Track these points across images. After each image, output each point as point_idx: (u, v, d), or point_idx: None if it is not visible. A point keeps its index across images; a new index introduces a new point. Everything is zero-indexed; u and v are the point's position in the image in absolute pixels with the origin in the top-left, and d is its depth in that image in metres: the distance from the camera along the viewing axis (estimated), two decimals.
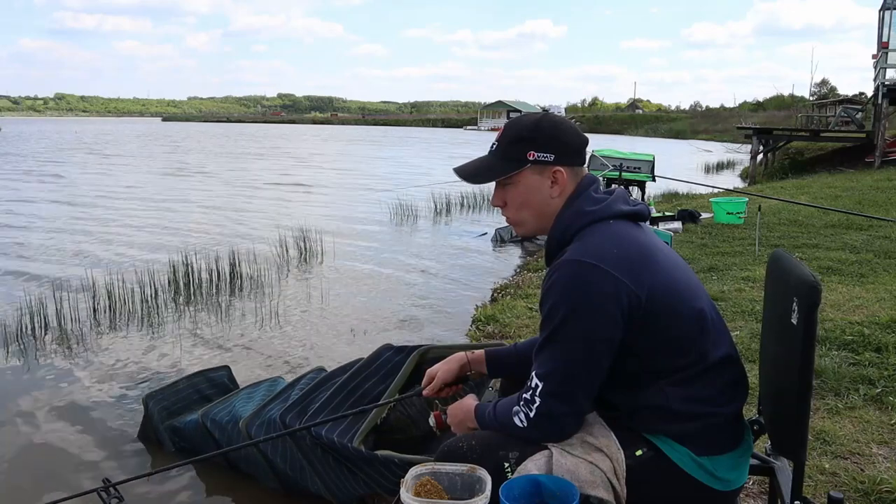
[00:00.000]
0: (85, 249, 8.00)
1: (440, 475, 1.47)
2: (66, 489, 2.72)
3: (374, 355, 2.69)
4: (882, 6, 17.68)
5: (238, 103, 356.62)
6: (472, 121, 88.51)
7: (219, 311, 5.56)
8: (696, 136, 48.10)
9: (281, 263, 7.28)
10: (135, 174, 19.40)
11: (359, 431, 2.34)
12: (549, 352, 1.47)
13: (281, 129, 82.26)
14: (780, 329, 1.49)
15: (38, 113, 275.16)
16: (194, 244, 7.93)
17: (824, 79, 65.08)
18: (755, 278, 5.38)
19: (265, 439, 2.46)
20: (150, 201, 12.68)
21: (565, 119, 1.68)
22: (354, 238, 9.02)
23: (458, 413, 1.71)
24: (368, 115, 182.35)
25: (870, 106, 20.02)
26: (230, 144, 40.14)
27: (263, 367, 4.31)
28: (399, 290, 6.31)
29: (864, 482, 2.41)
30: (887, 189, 11.57)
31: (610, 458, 1.47)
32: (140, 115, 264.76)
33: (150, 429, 3.18)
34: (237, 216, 10.97)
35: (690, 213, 8.78)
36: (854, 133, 19.29)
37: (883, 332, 3.94)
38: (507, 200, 1.63)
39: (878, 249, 6.56)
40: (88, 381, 4.09)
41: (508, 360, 1.92)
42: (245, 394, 3.10)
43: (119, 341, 4.83)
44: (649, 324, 1.46)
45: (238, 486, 2.84)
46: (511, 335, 4.34)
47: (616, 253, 1.46)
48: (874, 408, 3.06)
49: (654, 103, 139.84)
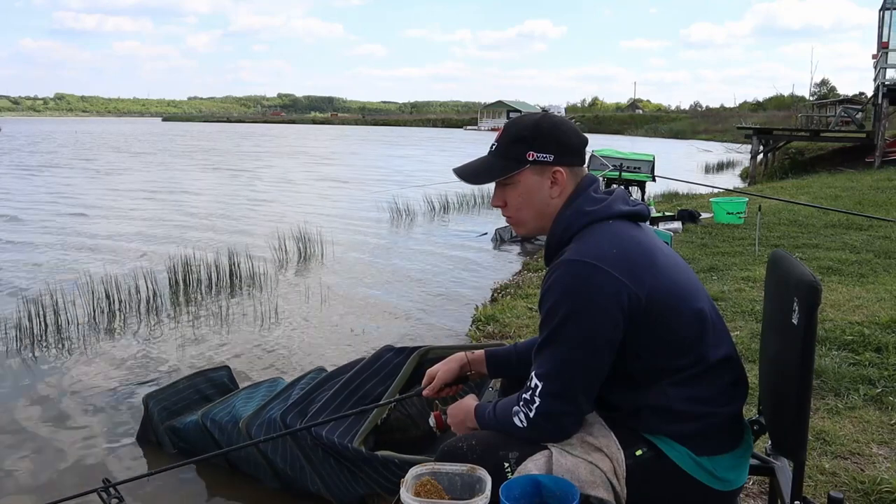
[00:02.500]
0: (84, 249, 7.99)
1: (440, 475, 1.47)
2: (66, 489, 2.73)
3: (374, 356, 2.69)
4: (882, 6, 17.67)
5: (238, 103, 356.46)
6: (472, 121, 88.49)
7: (219, 311, 5.56)
8: (696, 136, 48.07)
9: (281, 263, 7.28)
10: (177, 171, 19.49)
11: (359, 432, 2.34)
12: (548, 352, 1.47)
13: (285, 128, 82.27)
14: (781, 329, 1.49)
15: (38, 113, 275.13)
16: (222, 241, 7.93)
17: (824, 79, 65.12)
18: (755, 278, 5.38)
19: (265, 439, 2.46)
20: (156, 198, 12.69)
21: (565, 119, 1.68)
22: (355, 237, 9.03)
23: (458, 413, 1.71)
24: (368, 114, 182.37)
25: (870, 106, 20.00)
26: (244, 143, 40.62)
27: (263, 367, 4.31)
28: (399, 290, 6.30)
29: (864, 482, 2.41)
30: (887, 189, 11.57)
31: (610, 458, 1.47)
32: (140, 116, 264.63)
33: (150, 429, 3.18)
34: (271, 210, 11.09)
35: (690, 213, 8.77)
36: (854, 133, 19.28)
37: (883, 332, 3.94)
38: (507, 200, 1.63)
39: (878, 249, 6.56)
40: (88, 381, 4.09)
41: (508, 360, 1.91)
42: (245, 394, 3.10)
43: (119, 341, 4.83)
44: (649, 324, 1.46)
45: (238, 486, 2.84)
46: (511, 335, 4.34)
47: (616, 253, 1.46)
48: (874, 408, 3.06)
49: (654, 103, 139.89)
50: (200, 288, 6.09)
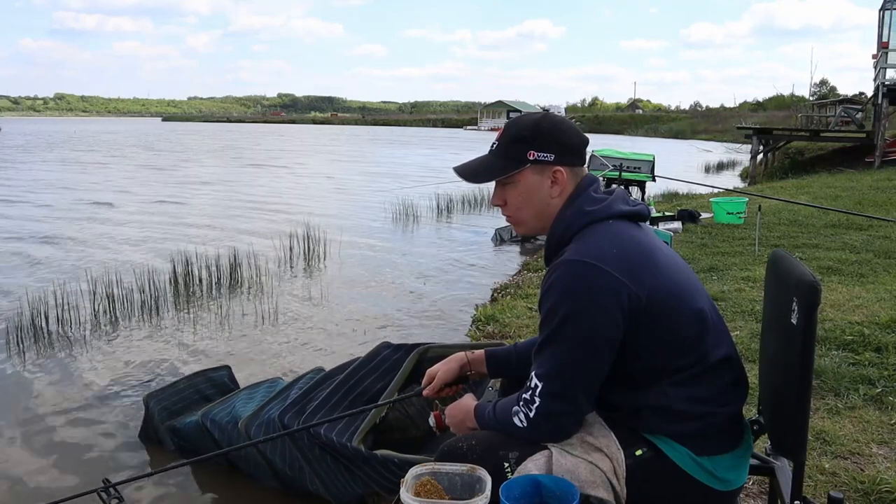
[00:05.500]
0: (85, 248, 7.99)
1: (440, 475, 1.47)
2: (66, 489, 2.73)
3: (372, 353, 2.69)
4: (882, 6, 17.67)
5: (238, 103, 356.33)
6: (472, 121, 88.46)
7: (219, 311, 5.56)
8: (696, 136, 48.08)
9: (282, 263, 7.28)
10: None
11: (358, 431, 2.34)
12: (548, 352, 1.47)
13: (289, 129, 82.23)
14: (780, 329, 1.49)
15: (38, 113, 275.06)
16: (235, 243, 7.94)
17: (824, 79, 65.05)
18: (755, 278, 5.38)
19: (265, 440, 2.45)
20: (155, 200, 12.69)
21: (566, 119, 1.68)
22: (355, 237, 9.02)
23: (458, 413, 1.71)
24: (368, 114, 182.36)
25: (870, 106, 20.00)
26: (263, 142, 41.00)
27: (263, 367, 4.31)
28: (399, 290, 6.30)
29: (864, 482, 2.41)
30: (887, 189, 11.57)
31: (610, 458, 1.47)
32: (140, 116, 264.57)
33: (150, 429, 3.18)
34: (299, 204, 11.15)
35: (690, 213, 8.77)
36: (854, 133, 19.27)
37: (883, 332, 3.94)
38: (507, 200, 1.63)
39: (878, 249, 6.56)
40: (88, 381, 4.09)
41: (508, 359, 1.91)
42: (245, 394, 3.10)
43: (119, 341, 4.83)
44: (649, 324, 1.46)
45: (238, 486, 2.84)
46: (511, 335, 4.34)
47: (616, 253, 1.46)
48: (874, 408, 3.06)
49: (654, 103, 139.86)
50: (201, 287, 6.09)
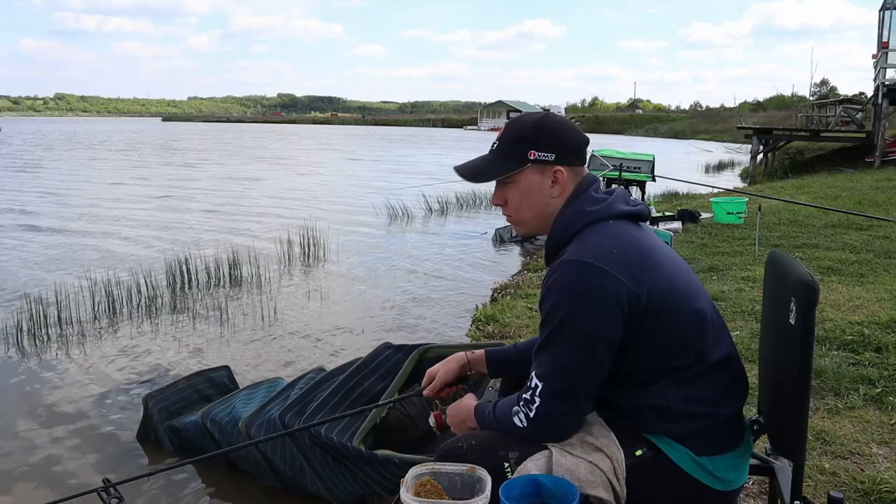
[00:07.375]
0: (84, 248, 7.99)
1: (440, 475, 1.47)
2: (66, 489, 2.73)
3: (373, 354, 2.68)
4: (882, 6, 17.68)
5: (238, 103, 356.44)
6: (472, 121, 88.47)
7: (219, 311, 5.56)
8: (696, 136, 48.08)
9: (282, 263, 7.28)
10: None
11: (358, 431, 2.34)
12: (548, 352, 1.47)
13: (291, 128, 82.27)
14: (779, 329, 1.49)
15: (38, 113, 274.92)
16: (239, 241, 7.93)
17: (824, 79, 64.95)
18: (755, 278, 5.38)
19: (265, 439, 2.45)
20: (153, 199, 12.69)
21: (566, 119, 1.68)
22: (355, 237, 9.02)
23: (458, 413, 1.71)
24: (368, 114, 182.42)
25: (870, 106, 20.00)
26: (278, 142, 41.27)
27: (263, 367, 4.31)
28: (399, 290, 6.30)
29: (864, 482, 2.41)
30: (887, 189, 11.57)
31: (610, 458, 1.47)
32: (140, 115, 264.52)
33: (149, 429, 3.17)
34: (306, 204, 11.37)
35: (690, 213, 8.77)
36: (854, 133, 19.27)
37: (883, 332, 3.94)
38: (508, 199, 1.63)
39: (878, 249, 6.56)
40: (88, 381, 4.08)
41: (508, 359, 1.92)
42: (245, 394, 3.10)
43: (119, 341, 4.83)
44: (649, 324, 1.46)
45: (238, 485, 2.83)
46: (511, 335, 4.34)
47: (616, 253, 1.46)
48: (874, 408, 3.06)
49: (653, 103, 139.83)
50: (200, 287, 6.09)
